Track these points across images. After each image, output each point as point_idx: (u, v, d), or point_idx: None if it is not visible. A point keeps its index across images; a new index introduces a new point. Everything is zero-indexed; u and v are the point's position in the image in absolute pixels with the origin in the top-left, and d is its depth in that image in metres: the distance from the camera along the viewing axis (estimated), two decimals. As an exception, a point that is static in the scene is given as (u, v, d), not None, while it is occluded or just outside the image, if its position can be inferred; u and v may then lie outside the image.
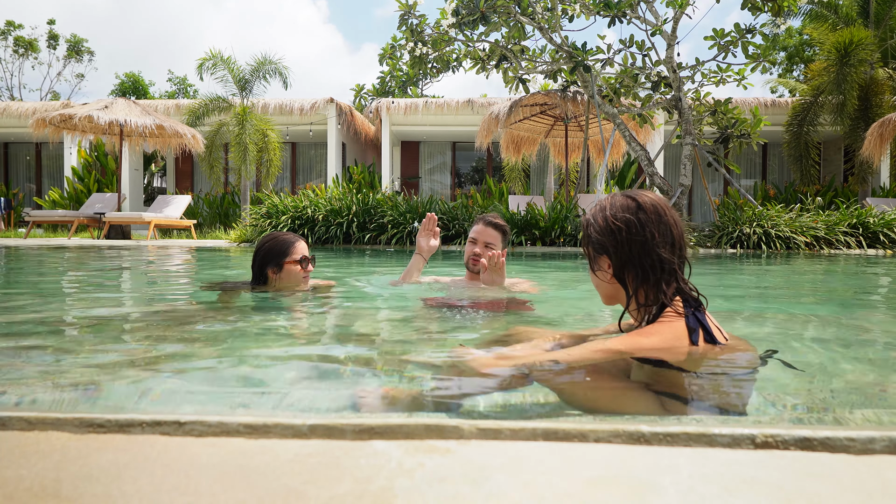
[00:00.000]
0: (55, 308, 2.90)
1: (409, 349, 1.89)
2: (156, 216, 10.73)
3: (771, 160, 17.31)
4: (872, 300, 3.59)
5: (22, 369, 1.58)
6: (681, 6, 8.14)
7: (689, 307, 1.42)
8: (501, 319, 2.50)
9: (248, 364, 1.66)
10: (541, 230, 8.13)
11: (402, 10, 8.40)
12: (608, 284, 1.51)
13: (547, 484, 0.75)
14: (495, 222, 3.05)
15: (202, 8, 72.65)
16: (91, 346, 1.95)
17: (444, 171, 18.42)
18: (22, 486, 0.73)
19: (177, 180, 17.95)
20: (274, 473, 0.77)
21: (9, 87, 28.24)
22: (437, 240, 3.22)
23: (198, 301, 3.25)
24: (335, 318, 2.58)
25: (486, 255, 2.94)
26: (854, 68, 12.61)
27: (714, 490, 0.73)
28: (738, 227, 8.09)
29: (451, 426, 0.90)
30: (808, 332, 2.29)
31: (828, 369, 1.62)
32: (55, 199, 14.00)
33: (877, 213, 8.50)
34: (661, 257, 1.42)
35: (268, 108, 14.76)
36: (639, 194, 1.49)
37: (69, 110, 10.91)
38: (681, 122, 8.91)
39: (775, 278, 4.90)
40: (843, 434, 0.86)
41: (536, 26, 8.27)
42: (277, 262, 2.75)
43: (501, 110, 10.93)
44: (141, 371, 1.59)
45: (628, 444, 0.87)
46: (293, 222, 8.52)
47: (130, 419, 0.91)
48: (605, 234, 1.47)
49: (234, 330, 2.19)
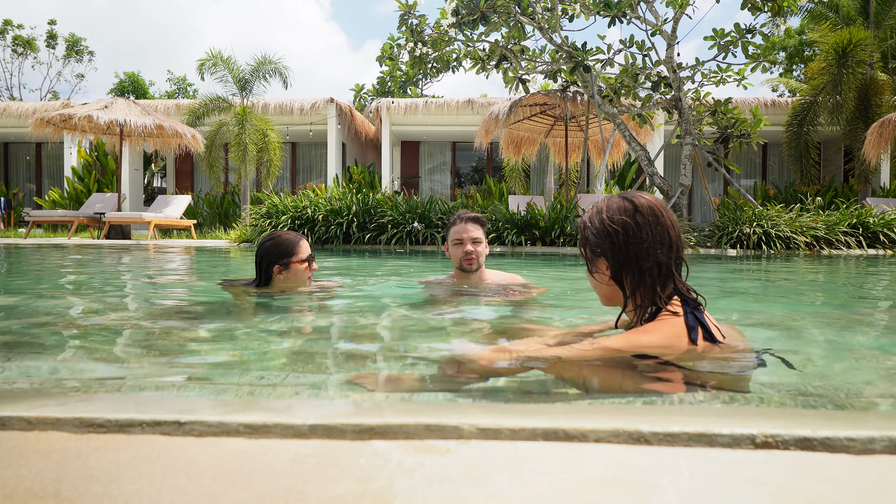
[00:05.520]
0: (55, 308, 2.89)
1: (410, 346, 1.89)
2: (156, 216, 10.73)
3: (771, 160, 17.30)
4: (872, 300, 3.59)
5: (22, 369, 1.57)
6: (681, 6, 8.14)
7: (687, 306, 1.43)
8: (502, 317, 2.50)
9: (248, 364, 1.66)
10: (541, 230, 8.13)
11: (402, 10, 8.40)
12: (606, 286, 1.51)
13: (547, 484, 0.75)
14: (473, 217, 3.01)
15: (202, 6, 72.65)
16: (91, 346, 1.95)
17: (444, 171, 18.42)
18: (22, 486, 0.73)
19: (177, 180, 17.95)
20: (274, 473, 0.77)
21: (8, 87, 28.24)
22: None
23: (199, 301, 3.25)
24: (337, 317, 2.57)
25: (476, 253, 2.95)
26: (852, 69, 12.61)
27: (714, 490, 0.73)
28: (738, 227, 8.09)
29: (451, 426, 0.90)
30: (808, 331, 2.29)
31: (828, 369, 1.62)
32: (55, 199, 14.00)
33: (877, 213, 8.50)
34: (658, 260, 1.42)
35: (268, 108, 14.76)
36: (635, 196, 1.49)
37: (69, 110, 10.91)
38: (681, 122, 8.91)
39: (775, 278, 4.90)
40: (843, 434, 0.86)
41: (536, 26, 8.27)
42: (284, 261, 2.72)
43: (501, 110, 10.93)
44: (141, 371, 1.59)
45: (628, 444, 0.87)
46: (293, 222, 8.52)
47: (130, 419, 0.91)
48: (602, 237, 1.47)
49: (234, 330, 2.19)
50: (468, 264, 2.98)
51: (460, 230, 2.98)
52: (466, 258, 2.97)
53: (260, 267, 2.77)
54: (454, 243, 3.01)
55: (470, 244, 2.96)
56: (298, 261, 2.74)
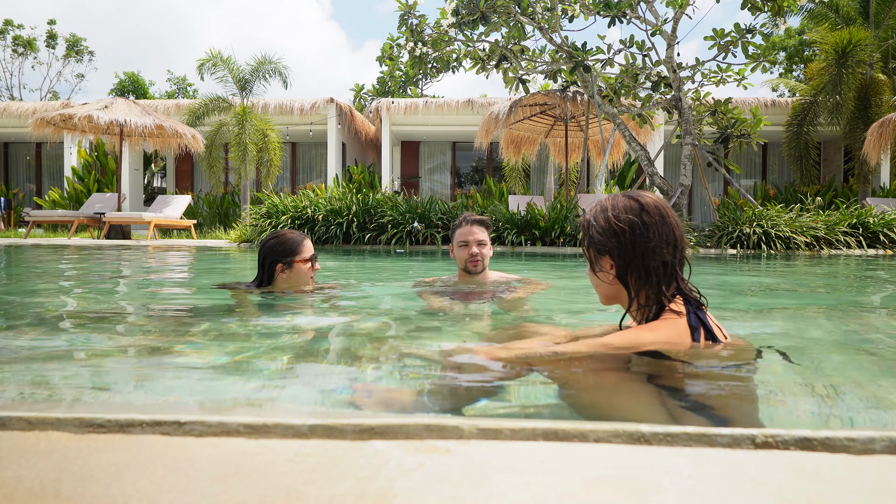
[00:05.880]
0: (55, 308, 2.89)
1: (411, 345, 1.89)
2: (156, 216, 10.72)
3: (771, 160, 17.30)
4: (872, 300, 3.59)
5: (22, 369, 1.57)
6: (681, 6, 8.14)
7: (690, 306, 1.42)
8: (504, 316, 2.50)
9: (249, 364, 1.66)
10: (541, 230, 8.13)
11: (402, 10, 8.40)
12: (609, 285, 1.51)
13: (547, 484, 0.75)
14: (478, 219, 3.06)
15: (202, 6, 72.64)
16: (91, 346, 1.95)
17: (444, 171, 18.41)
18: (22, 486, 0.73)
19: (177, 180, 17.95)
20: (274, 473, 0.77)
21: (8, 87, 28.22)
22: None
23: (199, 301, 3.25)
24: (338, 317, 2.57)
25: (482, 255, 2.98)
26: (852, 69, 12.62)
27: (714, 490, 0.73)
28: (738, 227, 8.09)
29: (452, 426, 0.90)
30: (808, 331, 2.29)
31: (828, 369, 1.62)
32: (55, 199, 13.99)
33: (877, 213, 8.50)
34: (664, 259, 1.42)
35: (268, 108, 14.76)
36: (640, 195, 1.48)
37: (69, 110, 10.91)
38: (681, 122, 8.91)
39: (775, 278, 4.90)
40: (843, 434, 0.86)
41: (536, 26, 8.27)
42: (287, 260, 2.72)
43: (501, 110, 10.93)
44: (141, 371, 1.59)
45: (628, 444, 0.87)
46: (293, 222, 8.52)
47: (130, 419, 0.91)
48: (608, 236, 1.46)
49: (235, 330, 2.19)
50: (473, 266, 3.02)
51: (466, 232, 3.03)
52: (472, 260, 3.01)
53: (263, 265, 2.76)
54: (459, 245, 3.05)
55: (475, 246, 3.01)
56: (302, 260, 2.73)
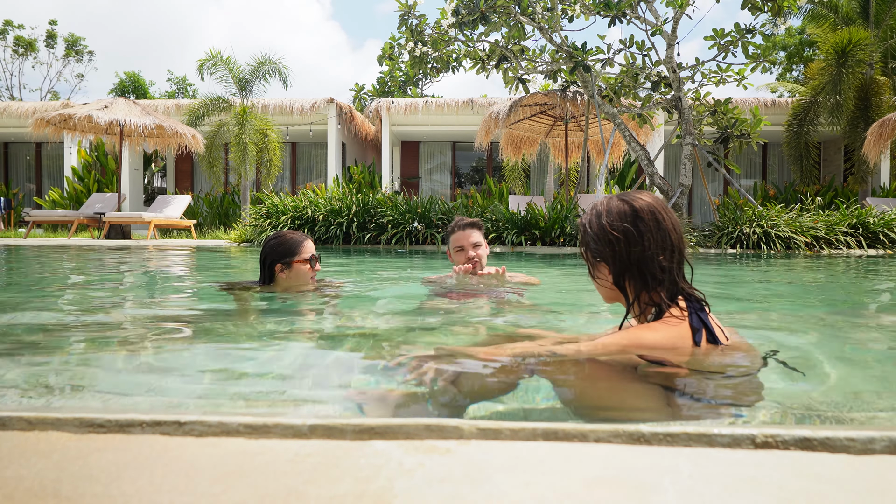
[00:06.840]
0: (55, 308, 2.89)
1: (412, 345, 1.89)
2: (156, 216, 10.72)
3: (771, 160, 17.30)
4: (872, 300, 3.59)
5: (22, 369, 1.57)
6: (681, 6, 8.14)
7: (692, 308, 1.42)
8: (503, 315, 2.50)
9: (249, 364, 1.66)
10: (541, 230, 8.13)
11: (402, 10, 8.40)
12: (608, 289, 1.50)
13: (547, 484, 0.75)
14: (471, 222, 3.11)
15: (202, 6, 72.61)
16: (91, 347, 1.95)
17: (444, 171, 18.41)
18: (22, 486, 0.73)
19: (177, 180, 17.95)
20: (274, 473, 0.77)
21: (8, 87, 28.23)
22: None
23: (199, 301, 3.25)
24: (339, 317, 2.58)
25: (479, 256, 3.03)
26: (852, 69, 12.61)
27: (714, 490, 0.73)
28: (738, 227, 8.09)
29: (451, 426, 0.90)
30: (808, 332, 2.29)
31: (828, 369, 1.62)
32: (55, 199, 13.99)
33: (877, 213, 8.50)
34: (660, 265, 1.41)
35: (268, 108, 14.75)
36: (635, 199, 1.46)
37: (69, 110, 10.91)
38: (681, 122, 8.91)
39: (775, 278, 4.90)
40: (843, 434, 0.86)
41: (536, 26, 8.27)
42: (286, 260, 2.73)
43: (501, 110, 10.93)
44: (142, 371, 1.59)
45: (628, 444, 0.87)
46: (293, 222, 8.52)
47: (130, 419, 0.91)
48: (603, 244, 1.45)
49: (236, 330, 2.19)
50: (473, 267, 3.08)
51: (460, 237, 3.09)
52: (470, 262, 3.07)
53: (263, 265, 2.79)
54: (456, 250, 3.12)
55: (472, 249, 3.07)
56: (301, 260, 2.74)
